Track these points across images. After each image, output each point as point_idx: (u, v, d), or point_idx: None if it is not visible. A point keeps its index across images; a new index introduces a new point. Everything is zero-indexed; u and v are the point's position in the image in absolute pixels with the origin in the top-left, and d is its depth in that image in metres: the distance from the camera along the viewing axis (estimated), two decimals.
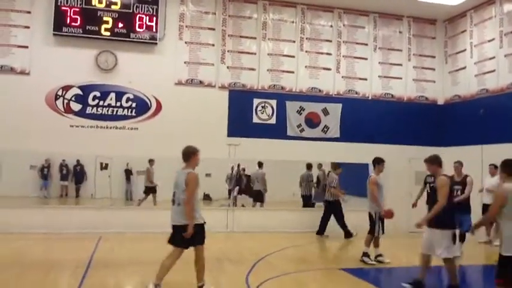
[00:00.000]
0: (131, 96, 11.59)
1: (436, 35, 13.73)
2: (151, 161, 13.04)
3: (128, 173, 14.64)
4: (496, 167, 10.12)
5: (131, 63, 11.63)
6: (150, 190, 13.33)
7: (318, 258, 8.65)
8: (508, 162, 5.14)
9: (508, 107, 11.17)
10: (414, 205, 8.19)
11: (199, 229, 5.81)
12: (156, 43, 11.75)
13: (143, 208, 12.66)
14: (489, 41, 11.99)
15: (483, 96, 12.05)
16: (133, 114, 11.56)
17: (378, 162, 8.56)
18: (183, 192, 5.80)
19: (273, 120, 12.37)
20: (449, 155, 12.74)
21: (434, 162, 6.56)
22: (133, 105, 11.59)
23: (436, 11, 12.97)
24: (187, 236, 5.63)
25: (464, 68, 12.84)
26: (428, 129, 13.23)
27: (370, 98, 13.08)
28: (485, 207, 9.70)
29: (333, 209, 11.29)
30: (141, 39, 11.63)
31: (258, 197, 13.59)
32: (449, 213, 6.15)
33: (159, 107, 11.72)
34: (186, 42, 12.05)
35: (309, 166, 13.41)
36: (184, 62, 11.99)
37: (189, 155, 6.08)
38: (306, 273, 7.28)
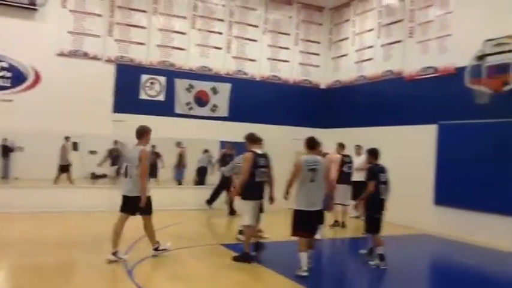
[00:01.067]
0: (5, 65, 10.76)
1: (322, 22, 14.41)
2: (67, 138, 12.12)
3: (5, 148, 13.51)
4: (360, 147, 11.02)
5: (6, 29, 10.77)
6: (64, 168, 12.46)
7: (200, 235, 8.75)
8: (309, 139, 6.50)
9: (381, 93, 12.15)
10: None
11: (149, 200, 6.64)
12: (36, 9, 10.98)
13: (15, 187, 11.83)
14: (369, 30, 12.87)
15: (361, 83, 12.96)
16: (7, 84, 10.74)
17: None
18: (136, 167, 6.37)
19: (162, 97, 12.23)
20: (330, 136, 13.61)
21: (245, 139, 7.14)
22: (8, 75, 10.77)
23: None
24: (142, 205, 6.47)
25: (346, 55, 13.69)
26: (312, 111, 13.97)
27: (258, 79, 13.44)
28: (354, 184, 10.52)
29: (226, 185, 11.35)
30: (19, 3, 10.76)
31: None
32: (251, 185, 6.73)
33: (37, 78, 11.01)
34: (70, 11, 11.41)
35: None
36: (68, 32, 11.35)
37: (143, 133, 6.61)
38: (186, 250, 7.38)
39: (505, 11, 9.07)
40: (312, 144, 6.46)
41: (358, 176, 10.70)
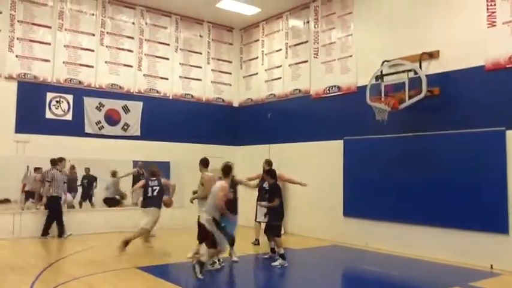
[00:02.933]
0: None
1: (233, 42, 14.76)
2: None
3: None
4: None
5: None
6: None
7: (112, 259, 8.45)
8: (203, 159, 8.57)
9: (290, 110, 12.66)
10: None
11: None
12: None
13: None
14: (277, 51, 13.39)
15: (271, 101, 13.41)
16: None
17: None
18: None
19: (69, 116, 11.70)
20: (242, 153, 13.99)
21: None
22: None
23: (233, 19, 13.92)
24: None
25: (256, 74, 14.11)
26: (225, 129, 14.18)
27: (171, 97, 13.38)
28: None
29: (54, 205, 10.74)
30: None
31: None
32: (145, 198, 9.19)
33: None
34: None
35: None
36: None
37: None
38: (98, 276, 7.12)
39: (400, 36, 9.94)
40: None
41: None
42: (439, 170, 8.90)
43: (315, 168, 11.46)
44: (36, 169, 11.38)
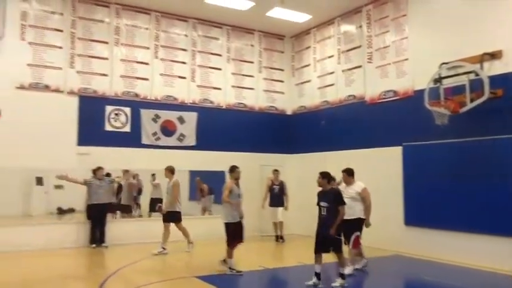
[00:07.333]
0: None
1: (284, 50, 14.74)
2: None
3: None
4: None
5: None
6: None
7: (173, 268, 8.57)
8: (233, 167, 8.40)
9: (344, 117, 12.43)
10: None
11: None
12: None
13: None
14: (329, 57, 13.22)
15: (325, 108, 13.23)
16: None
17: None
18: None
19: (127, 128, 12.04)
20: (297, 161, 13.86)
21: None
22: None
23: (284, 27, 13.90)
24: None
25: (309, 81, 13.98)
26: (278, 137, 14.12)
27: (224, 107, 13.50)
28: None
29: (93, 212, 11.00)
30: None
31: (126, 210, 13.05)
32: None
33: None
34: (29, 43, 11.14)
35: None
36: (28, 64, 11.07)
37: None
38: (160, 284, 7.21)
39: (457, 36, 9.55)
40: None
41: None
42: (505, 176, 8.41)
43: (372, 175, 11.06)
44: None
